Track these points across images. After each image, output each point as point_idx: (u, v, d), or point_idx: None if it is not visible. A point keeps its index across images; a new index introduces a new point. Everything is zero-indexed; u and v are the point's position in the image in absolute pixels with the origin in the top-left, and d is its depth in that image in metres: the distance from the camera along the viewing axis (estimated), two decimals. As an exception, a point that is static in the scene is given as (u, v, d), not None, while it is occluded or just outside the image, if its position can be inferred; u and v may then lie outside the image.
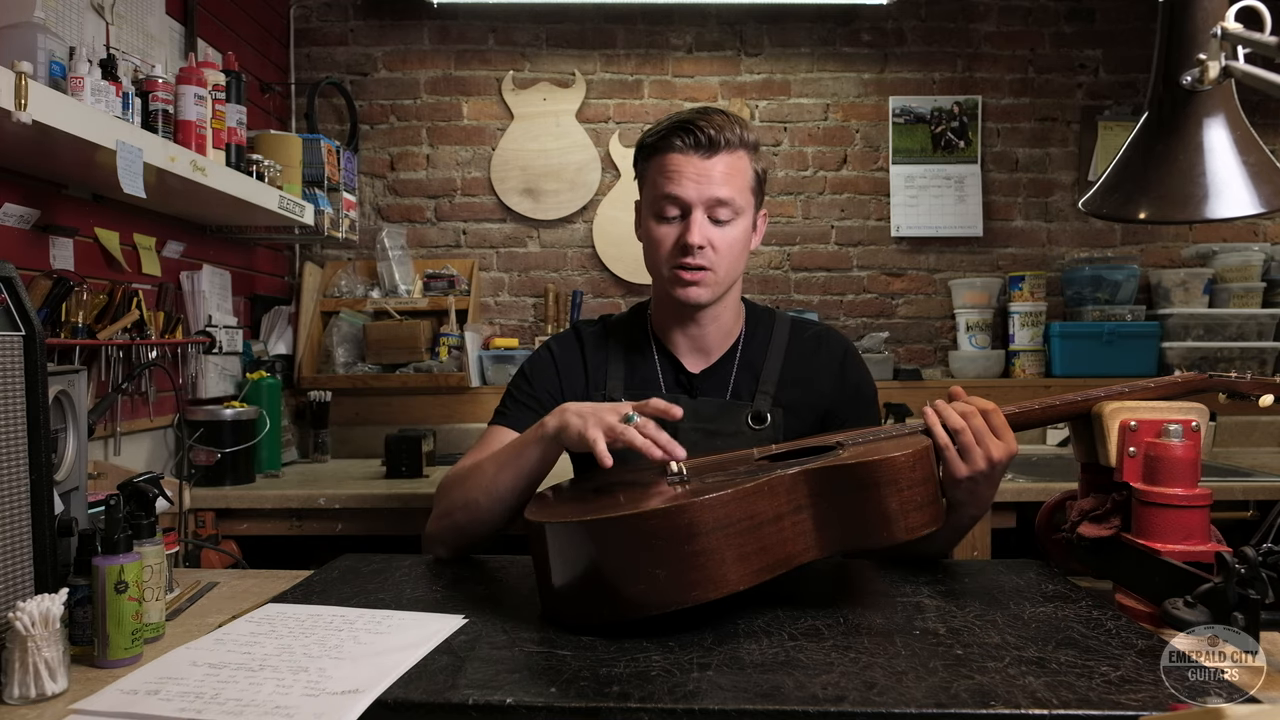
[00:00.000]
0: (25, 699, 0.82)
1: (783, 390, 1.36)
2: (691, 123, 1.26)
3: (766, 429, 1.33)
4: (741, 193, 1.28)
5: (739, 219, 1.29)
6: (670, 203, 1.28)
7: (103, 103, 1.56)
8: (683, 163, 1.26)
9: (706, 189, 1.25)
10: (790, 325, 1.42)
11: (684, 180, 1.26)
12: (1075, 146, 3.03)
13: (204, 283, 2.27)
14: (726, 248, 1.28)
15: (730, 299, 1.37)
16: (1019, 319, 2.88)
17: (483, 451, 1.33)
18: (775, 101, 3.03)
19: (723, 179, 1.26)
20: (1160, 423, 1.07)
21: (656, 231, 1.30)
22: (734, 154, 1.27)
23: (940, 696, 0.76)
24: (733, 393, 1.37)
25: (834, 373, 1.38)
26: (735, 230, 1.29)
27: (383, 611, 1.02)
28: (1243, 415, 2.81)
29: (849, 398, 1.37)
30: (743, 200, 1.29)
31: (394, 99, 3.03)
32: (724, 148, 1.26)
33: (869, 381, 1.41)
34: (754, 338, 1.41)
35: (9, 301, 0.95)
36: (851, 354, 1.41)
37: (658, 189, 1.29)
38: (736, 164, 1.28)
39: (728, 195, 1.26)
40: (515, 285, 3.05)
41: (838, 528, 0.97)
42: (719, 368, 1.38)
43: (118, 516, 0.95)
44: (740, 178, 1.28)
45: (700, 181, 1.25)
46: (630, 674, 0.82)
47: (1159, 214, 1.03)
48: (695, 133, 1.25)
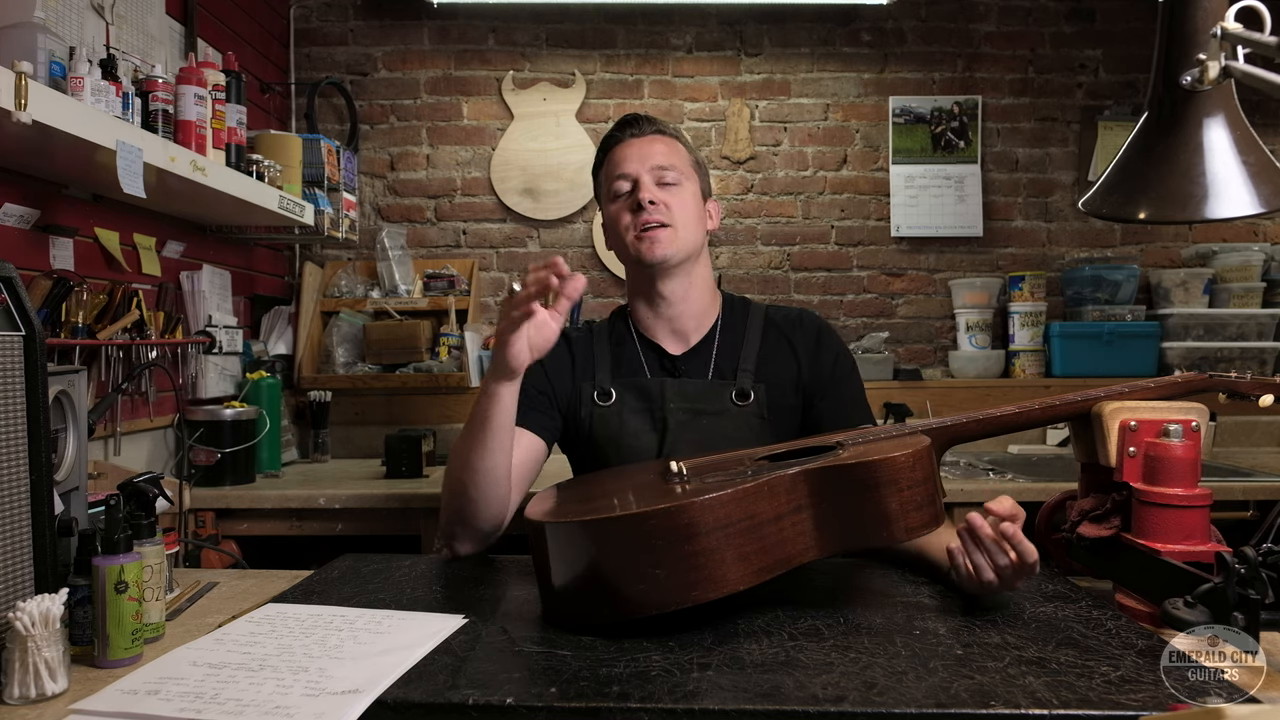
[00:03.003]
0: (25, 699, 0.82)
1: (762, 367, 1.40)
2: (628, 117, 1.46)
3: (751, 404, 1.37)
4: (682, 163, 1.42)
5: (686, 183, 1.41)
6: (620, 180, 1.41)
7: (103, 103, 1.56)
8: (624, 148, 1.43)
9: (649, 159, 1.40)
10: (765, 309, 1.49)
11: (628, 160, 1.41)
12: (1075, 146, 3.03)
13: (204, 283, 2.27)
14: (680, 205, 1.39)
15: (698, 275, 1.44)
16: (1019, 319, 2.88)
17: None
18: (775, 101, 3.03)
19: (662, 153, 1.42)
20: (1160, 423, 1.07)
21: (611, 212, 1.43)
22: (667, 137, 1.45)
23: (940, 696, 0.76)
24: (715, 373, 1.41)
25: (810, 346, 1.42)
26: (684, 193, 1.41)
27: (383, 611, 1.02)
28: (1243, 415, 2.81)
29: (827, 369, 1.41)
30: (684, 169, 1.42)
31: (394, 99, 3.03)
32: (656, 131, 1.44)
33: (845, 355, 1.45)
34: (731, 322, 1.46)
35: (9, 301, 0.95)
36: (826, 330, 1.46)
37: (609, 177, 1.43)
38: (670, 144, 1.44)
39: (668, 162, 1.41)
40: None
41: (837, 528, 0.97)
42: (700, 350, 1.43)
43: (118, 516, 0.95)
44: (677, 154, 1.43)
45: (641, 157, 1.41)
46: (630, 674, 0.82)
47: (1159, 214, 1.03)
48: (629, 124, 1.44)
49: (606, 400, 1.39)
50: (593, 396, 1.40)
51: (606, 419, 1.39)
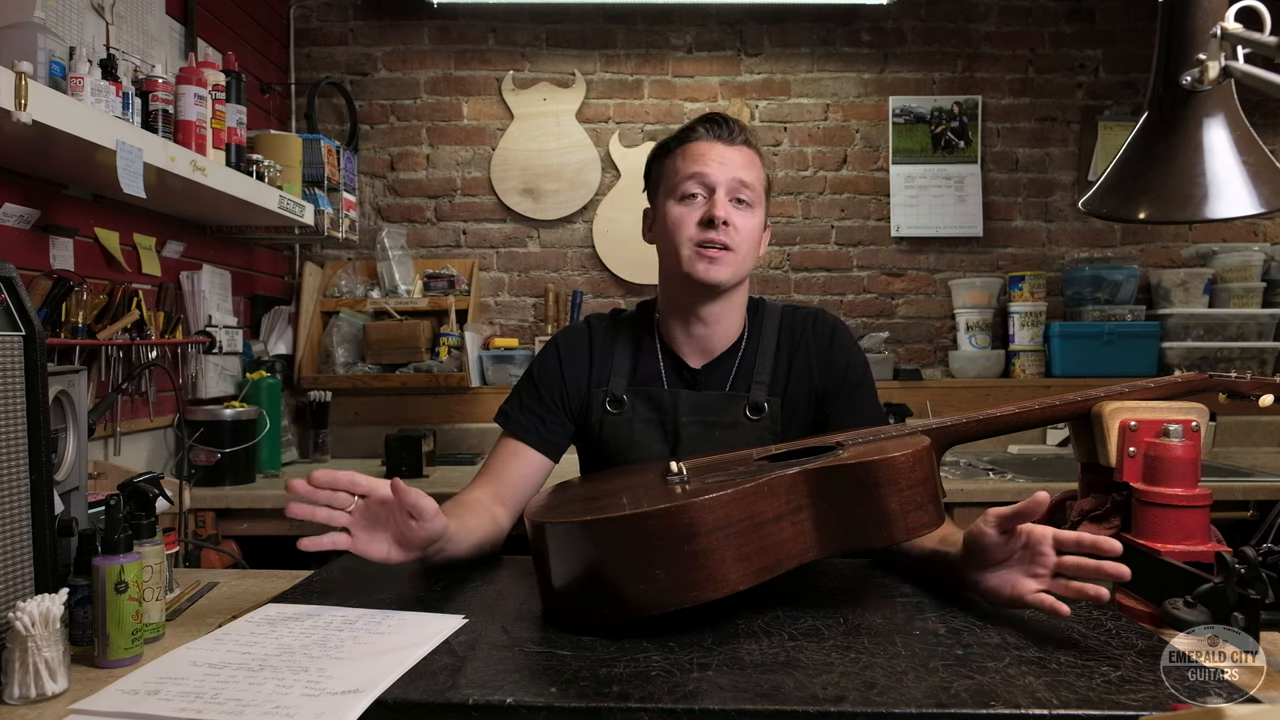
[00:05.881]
0: (25, 699, 0.82)
1: (777, 379, 1.37)
2: (716, 115, 1.34)
3: (764, 419, 1.34)
4: (760, 183, 1.34)
5: (757, 207, 1.33)
6: (695, 181, 1.30)
7: (103, 103, 1.56)
8: (707, 148, 1.31)
9: (731, 169, 1.30)
10: (780, 314, 1.43)
11: (710, 161, 1.30)
12: (1075, 146, 3.03)
13: (204, 283, 2.27)
14: (748, 231, 1.31)
15: (737, 299, 1.37)
16: (1019, 319, 2.88)
17: (489, 468, 1.36)
18: (775, 101, 3.03)
19: (745, 165, 1.31)
20: (1160, 423, 1.07)
21: (676, 212, 1.31)
22: (752, 150, 1.34)
23: (940, 696, 0.76)
24: (732, 385, 1.38)
25: (822, 354, 1.38)
26: (754, 218, 1.32)
27: (383, 611, 1.02)
28: (1243, 415, 2.81)
29: (838, 378, 1.37)
30: (759, 190, 1.33)
31: (394, 99, 3.03)
32: (744, 141, 1.33)
33: (858, 360, 1.40)
34: (753, 332, 1.42)
35: (9, 301, 0.95)
36: (840, 333, 1.40)
37: (681, 172, 1.32)
38: (754, 159, 1.34)
39: (750, 179, 1.31)
40: (515, 285, 3.05)
41: (838, 528, 0.97)
42: (721, 362, 1.39)
43: (118, 516, 0.95)
44: (757, 170, 1.34)
45: (725, 163, 1.30)
46: (630, 674, 0.82)
47: (1159, 214, 1.03)
48: (719, 123, 1.33)
49: (618, 408, 1.37)
50: (604, 403, 1.38)
51: (617, 427, 1.37)
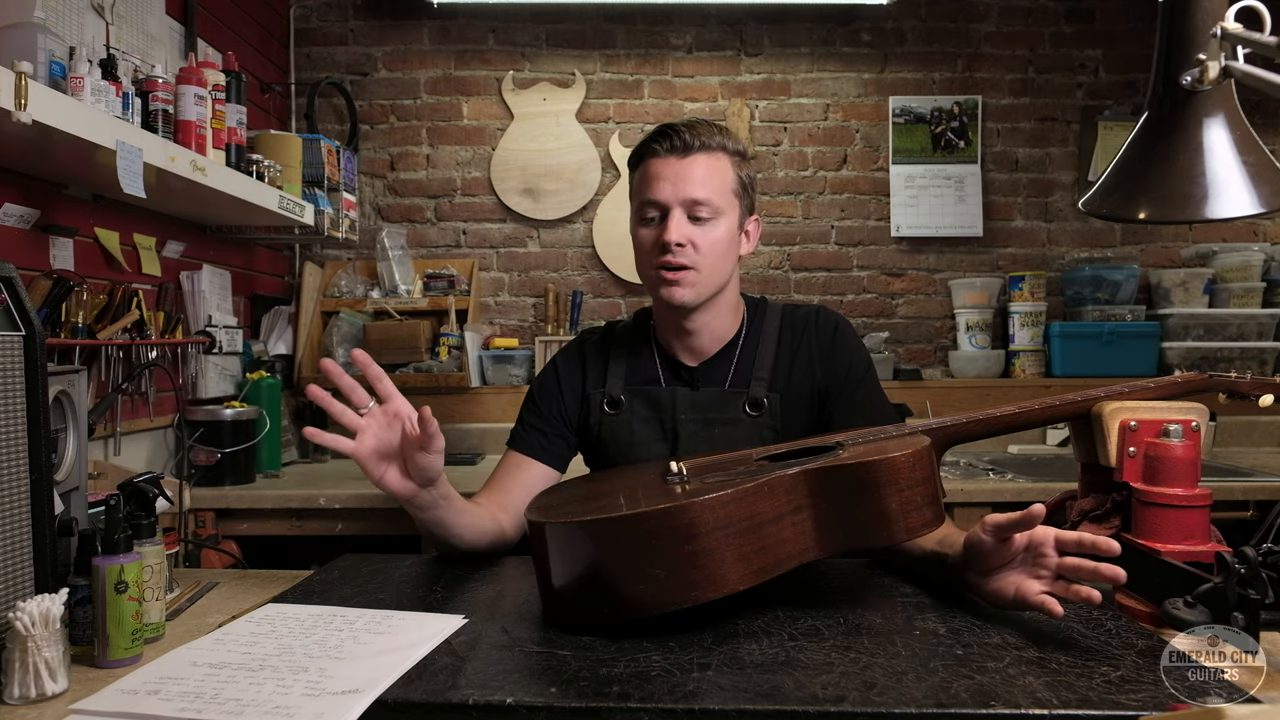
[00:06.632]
0: (25, 699, 0.82)
1: (777, 376, 1.37)
2: (669, 127, 1.31)
3: (764, 415, 1.34)
4: (721, 193, 1.30)
5: (720, 219, 1.30)
6: (650, 206, 1.30)
7: (103, 103, 1.56)
8: (660, 166, 1.30)
9: (683, 189, 1.28)
10: (781, 312, 1.43)
11: (661, 183, 1.29)
12: (1075, 146, 3.03)
13: (204, 283, 2.27)
14: (709, 247, 1.29)
15: (722, 305, 1.37)
16: (1019, 319, 2.88)
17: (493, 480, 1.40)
18: (775, 101, 3.03)
19: (700, 179, 1.28)
20: (1160, 423, 1.07)
21: (639, 234, 1.34)
22: (712, 155, 1.30)
23: (940, 696, 0.76)
24: (730, 382, 1.38)
25: (824, 352, 1.37)
26: (716, 230, 1.30)
27: (383, 611, 1.02)
28: (1243, 415, 2.81)
29: (840, 376, 1.37)
30: (722, 201, 1.30)
31: (394, 99, 3.03)
32: (700, 149, 1.29)
33: (860, 358, 1.39)
34: (752, 330, 1.42)
35: (9, 301, 0.95)
36: (842, 331, 1.40)
37: (640, 195, 1.33)
38: (714, 165, 1.30)
39: (704, 195, 1.28)
40: (515, 285, 3.05)
41: (838, 528, 0.97)
42: (718, 360, 1.40)
43: (118, 516, 0.95)
44: (719, 178, 1.30)
45: (676, 182, 1.28)
46: (630, 674, 0.82)
47: (1159, 214, 1.03)
48: (671, 136, 1.30)
49: (616, 409, 1.38)
50: (602, 404, 1.39)
51: (616, 428, 1.38)
